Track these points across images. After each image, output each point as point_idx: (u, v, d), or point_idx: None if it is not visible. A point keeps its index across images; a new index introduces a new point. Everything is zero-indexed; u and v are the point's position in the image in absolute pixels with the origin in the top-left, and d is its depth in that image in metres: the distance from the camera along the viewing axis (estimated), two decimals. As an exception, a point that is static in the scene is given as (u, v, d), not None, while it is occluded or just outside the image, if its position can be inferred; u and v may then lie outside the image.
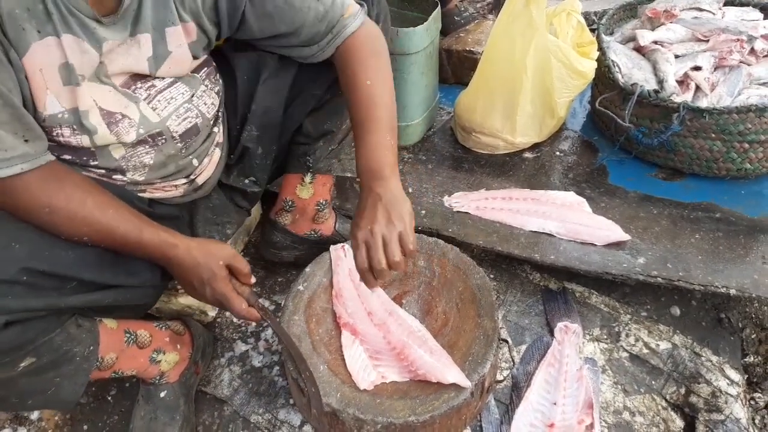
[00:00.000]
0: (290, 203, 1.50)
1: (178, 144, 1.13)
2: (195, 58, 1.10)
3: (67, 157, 1.03)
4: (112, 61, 0.99)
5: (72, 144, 1.00)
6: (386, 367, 1.20)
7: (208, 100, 1.18)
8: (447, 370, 1.15)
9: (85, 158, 1.04)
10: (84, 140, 1.00)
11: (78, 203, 0.97)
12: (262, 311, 1.10)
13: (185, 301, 1.47)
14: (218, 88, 1.22)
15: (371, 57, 1.15)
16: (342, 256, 1.37)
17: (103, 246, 1.00)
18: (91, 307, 1.05)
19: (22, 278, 0.90)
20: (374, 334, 1.24)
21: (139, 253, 1.03)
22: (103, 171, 1.08)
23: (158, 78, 1.07)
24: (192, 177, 1.21)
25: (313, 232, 1.54)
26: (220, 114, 1.25)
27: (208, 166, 1.25)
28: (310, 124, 1.37)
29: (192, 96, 1.14)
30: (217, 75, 1.22)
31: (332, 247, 1.40)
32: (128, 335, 1.18)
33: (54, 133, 0.98)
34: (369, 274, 1.02)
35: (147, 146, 1.09)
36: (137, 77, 1.05)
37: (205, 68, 1.17)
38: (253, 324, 1.50)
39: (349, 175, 1.46)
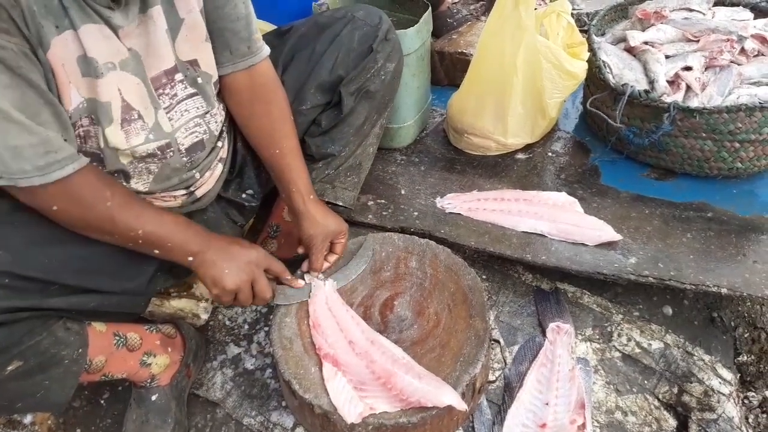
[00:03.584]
0: (275, 228, 1.54)
1: (184, 158, 1.16)
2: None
3: None
4: (136, 46, 1.01)
5: (90, 134, 1.03)
6: (374, 398, 1.15)
7: (219, 118, 1.22)
8: (441, 393, 1.11)
9: (94, 163, 1.05)
10: (98, 131, 1.03)
11: (127, 192, 1.05)
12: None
13: (177, 304, 1.47)
14: (224, 104, 1.25)
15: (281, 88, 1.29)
16: (318, 285, 1.32)
17: (147, 230, 1.03)
18: (79, 311, 1.05)
19: (5, 281, 0.91)
20: (357, 364, 1.19)
21: (189, 235, 1.08)
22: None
23: (180, 84, 1.10)
24: (192, 189, 1.23)
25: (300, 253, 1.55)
26: (224, 128, 1.27)
27: (209, 179, 1.27)
28: (314, 146, 1.39)
29: (206, 113, 1.17)
30: None
31: (306, 276, 1.35)
32: (117, 338, 1.18)
33: (76, 126, 1.01)
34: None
35: (155, 159, 1.12)
36: (167, 76, 1.08)
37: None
38: (246, 327, 1.51)
39: (340, 204, 1.46)
